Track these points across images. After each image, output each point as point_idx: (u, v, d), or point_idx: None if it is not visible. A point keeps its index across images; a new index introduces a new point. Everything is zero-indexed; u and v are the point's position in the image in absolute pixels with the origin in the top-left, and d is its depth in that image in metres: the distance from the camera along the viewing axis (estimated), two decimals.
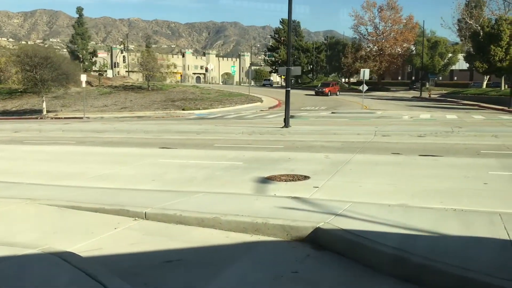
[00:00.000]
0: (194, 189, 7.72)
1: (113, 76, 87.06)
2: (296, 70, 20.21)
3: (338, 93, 55.59)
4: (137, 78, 67.81)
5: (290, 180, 8.66)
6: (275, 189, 7.83)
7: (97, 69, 75.78)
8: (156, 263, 4.28)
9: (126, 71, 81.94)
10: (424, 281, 3.84)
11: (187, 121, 27.36)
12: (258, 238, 5.00)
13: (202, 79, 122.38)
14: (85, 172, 9.89)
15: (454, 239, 4.57)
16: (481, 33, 44.47)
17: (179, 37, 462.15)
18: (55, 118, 35.22)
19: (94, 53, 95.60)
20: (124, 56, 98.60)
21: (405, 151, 11.90)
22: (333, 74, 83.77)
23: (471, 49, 47.76)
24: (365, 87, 32.93)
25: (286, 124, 18.83)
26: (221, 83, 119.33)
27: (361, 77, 32.23)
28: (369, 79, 69.41)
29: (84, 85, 35.16)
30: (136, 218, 5.64)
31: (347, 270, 4.19)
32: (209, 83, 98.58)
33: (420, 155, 11.20)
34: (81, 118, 33.77)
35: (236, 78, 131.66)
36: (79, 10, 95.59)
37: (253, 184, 8.29)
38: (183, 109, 36.46)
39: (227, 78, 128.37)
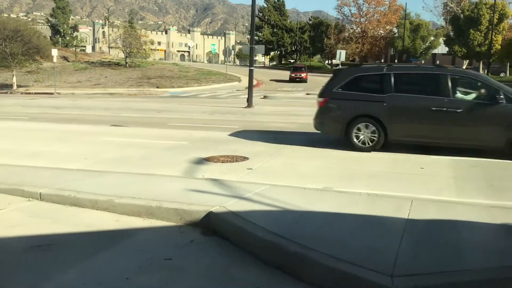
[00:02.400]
0: (121, 169, 7.42)
1: (92, 51, 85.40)
2: (260, 49, 19.83)
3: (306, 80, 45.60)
4: (117, 54, 66.46)
5: (227, 161, 8.43)
6: (207, 170, 7.59)
7: (75, 44, 74.03)
8: (24, 248, 4.02)
9: (108, 47, 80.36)
10: (297, 271, 3.64)
11: (156, 99, 26.85)
12: (150, 222, 4.76)
13: (186, 57, 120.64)
14: (17, 149, 9.52)
15: (348, 225, 4.37)
16: (461, 17, 44.28)
17: (166, 13, 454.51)
18: (26, 93, 34.35)
19: (75, 28, 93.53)
20: (104, 32, 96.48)
21: None
22: (317, 56, 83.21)
23: (451, 33, 47.62)
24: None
25: (249, 104, 18.51)
26: (205, 61, 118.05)
27: (337, 59, 31.88)
28: (352, 61, 69.17)
29: (55, 60, 34.26)
30: (30, 199, 5.35)
31: (224, 256, 3.97)
32: (193, 61, 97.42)
33: None
34: (52, 93, 32.99)
35: (222, 57, 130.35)
36: None
37: (187, 165, 8.03)
38: (157, 87, 35.85)
39: (212, 56, 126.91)
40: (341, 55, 32.08)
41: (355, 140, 9.42)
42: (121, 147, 9.98)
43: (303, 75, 44.45)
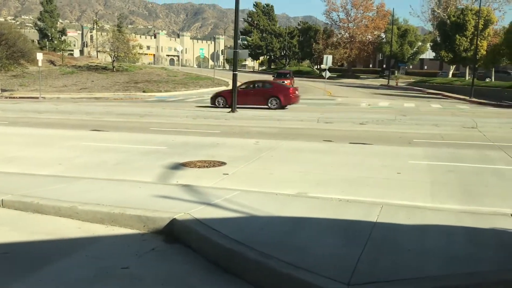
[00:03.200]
0: (94, 174, 7.30)
1: (81, 55, 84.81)
2: (244, 54, 19.81)
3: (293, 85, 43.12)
4: (104, 58, 66.06)
5: (204, 167, 8.35)
6: (182, 175, 7.50)
7: (62, 48, 73.45)
8: None
9: (96, 51, 79.69)
10: (257, 279, 3.56)
11: (142, 103, 26.69)
12: (113, 230, 4.65)
13: (175, 62, 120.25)
14: None
15: (313, 231, 4.31)
16: (448, 23, 44.68)
17: (156, 18, 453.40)
18: (10, 97, 33.93)
19: (63, 32, 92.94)
20: (91, 36, 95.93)
21: (338, 138, 11.70)
22: (306, 61, 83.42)
23: (438, 38, 48.02)
24: (328, 74, 32.71)
25: (233, 109, 18.44)
26: (195, 66, 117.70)
27: (324, 63, 31.95)
28: (340, 66, 69.48)
29: (40, 64, 33.90)
30: None
31: (185, 265, 3.89)
32: (183, 66, 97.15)
33: (350, 143, 11.02)
34: (37, 98, 32.63)
35: (211, 62, 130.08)
36: None
37: (162, 170, 7.93)
38: (144, 91, 35.64)
39: (201, 61, 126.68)
40: (328, 60, 32.15)
41: None
42: (98, 152, 9.84)
43: (287, 82, 39.41)
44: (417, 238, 4.31)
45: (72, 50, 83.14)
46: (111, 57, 50.01)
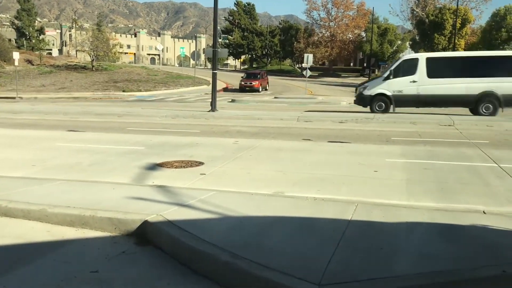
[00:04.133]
0: (67, 176, 7.14)
1: (60, 55, 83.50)
2: (223, 53, 19.70)
3: (268, 87, 39.93)
4: (83, 57, 65.14)
5: (182, 167, 8.26)
6: (158, 176, 7.41)
7: (40, 47, 72.21)
8: None
9: (75, 50, 78.39)
10: (227, 281, 3.52)
11: (121, 103, 26.38)
12: (83, 232, 4.55)
13: (156, 61, 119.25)
14: None
15: (285, 231, 4.28)
16: (426, 21, 45.24)
17: (137, 16, 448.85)
18: None
19: (41, 31, 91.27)
20: (70, 35, 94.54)
21: (317, 137, 11.72)
22: (288, 59, 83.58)
23: (417, 37, 48.60)
24: (309, 73, 32.78)
25: (213, 108, 18.34)
26: (176, 64, 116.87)
27: (305, 62, 32.02)
28: (321, 65, 69.83)
29: (17, 63, 33.26)
30: None
31: (155, 268, 3.82)
32: (164, 65, 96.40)
33: (329, 141, 11.05)
34: (14, 98, 32.00)
35: (193, 60, 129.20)
36: None
37: (138, 171, 7.82)
38: (123, 91, 35.25)
39: (183, 60, 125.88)
40: (309, 59, 32.25)
41: None
42: (73, 152, 9.66)
43: (255, 83, 36.40)
44: (390, 237, 4.32)
45: (51, 49, 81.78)
46: (90, 56, 49.32)
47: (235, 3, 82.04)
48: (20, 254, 4.07)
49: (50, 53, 74.82)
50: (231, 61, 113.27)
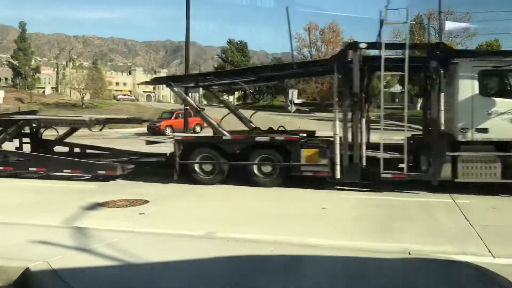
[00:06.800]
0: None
1: (56, 92, 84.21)
2: (195, 90, 19.60)
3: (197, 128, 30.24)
4: (76, 95, 65.57)
5: (124, 206, 7.99)
6: (92, 216, 7.13)
7: (32, 86, 72.74)
8: None
9: (70, 88, 79.12)
10: None
11: (102, 139, 26.13)
12: None
13: (152, 97, 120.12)
14: None
15: (173, 279, 3.90)
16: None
17: (136, 55, 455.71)
18: None
19: (37, 70, 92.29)
20: (63, 73, 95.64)
21: None
22: (281, 95, 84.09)
23: None
24: (294, 108, 32.72)
25: None
26: (172, 101, 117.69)
27: (289, 97, 32.05)
28: (313, 100, 70.21)
29: (1, 101, 33.28)
30: None
31: None
32: (158, 102, 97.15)
33: None
34: None
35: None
36: (22, 25, 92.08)
37: (75, 211, 7.52)
38: (109, 128, 35.07)
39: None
40: (293, 95, 32.30)
41: None
42: (22, 192, 9.36)
43: (159, 124, 29.85)
44: (289, 280, 3.95)
45: (44, 88, 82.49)
46: (80, 94, 49.57)
47: (227, 41, 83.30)
48: None
49: (44, 92, 75.38)
50: (230, 98, 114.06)
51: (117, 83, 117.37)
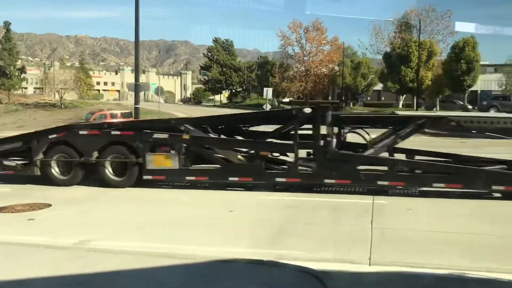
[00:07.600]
0: None
1: (42, 93, 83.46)
2: (145, 87, 19.46)
3: None
4: (55, 94, 64.96)
5: (23, 211, 7.71)
6: None
7: (12, 85, 71.85)
8: None
9: (56, 91, 78.32)
10: None
11: None
12: None
13: (142, 97, 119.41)
14: None
15: None
16: (393, 54, 45.62)
17: (129, 54, 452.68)
18: None
19: (22, 70, 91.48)
20: (47, 73, 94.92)
21: None
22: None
23: (385, 70, 48.91)
24: (268, 106, 32.54)
25: None
26: (162, 100, 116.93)
27: (264, 96, 31.85)
28: (298, 98, 69.97)
29: None
30: None
31: None
32: (146, 101, 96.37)
33: None
34: None
35: (178, 96, 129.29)
36: (7, 24, 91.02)
37: None
38: None
39: (168, 96, 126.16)
40: (268, 93, 32.10)
41: None
42: None
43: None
44: None
45: (26, 87, 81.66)
46: (59, 93, 49.09)
47: (213, 40, 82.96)
48: None
49: (24, 91, 74.52)
50: (218, 97, 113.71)
51: (105, 83, 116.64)
